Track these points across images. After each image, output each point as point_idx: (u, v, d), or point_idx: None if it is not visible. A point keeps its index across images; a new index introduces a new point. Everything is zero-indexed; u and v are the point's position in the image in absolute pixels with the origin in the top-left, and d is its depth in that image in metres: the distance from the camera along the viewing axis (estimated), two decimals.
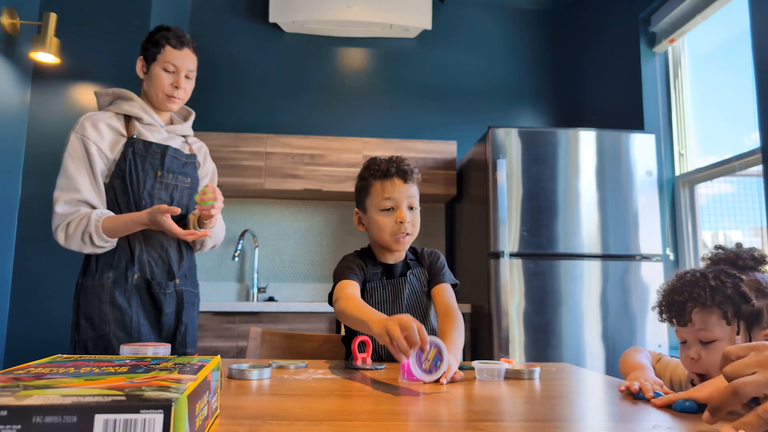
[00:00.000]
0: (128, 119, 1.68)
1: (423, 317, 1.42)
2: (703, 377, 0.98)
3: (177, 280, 1.67)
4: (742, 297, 0.95)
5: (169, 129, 1.74)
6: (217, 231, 1.77)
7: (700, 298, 0.97)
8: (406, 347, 0.94)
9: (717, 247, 1.09)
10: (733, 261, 1.04)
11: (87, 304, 1.55)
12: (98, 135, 1.60)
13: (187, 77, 1.70)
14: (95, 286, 1.56)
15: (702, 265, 1.11)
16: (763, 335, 0.93)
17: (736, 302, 0.95)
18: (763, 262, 1.03)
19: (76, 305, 1.57)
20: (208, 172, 1.87)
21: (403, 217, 1.37)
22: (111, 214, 1.56)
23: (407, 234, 1.38)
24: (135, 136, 1.63)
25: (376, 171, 1.40)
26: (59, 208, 1.53)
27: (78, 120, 1.63)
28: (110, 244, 1.56)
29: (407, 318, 0.97)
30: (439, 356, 1.00)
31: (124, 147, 1.61)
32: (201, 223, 1.69)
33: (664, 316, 1.06)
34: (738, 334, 0.95)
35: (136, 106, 1.67)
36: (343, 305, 1.23)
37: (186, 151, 1.77)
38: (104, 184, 1.61)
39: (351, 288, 1.32)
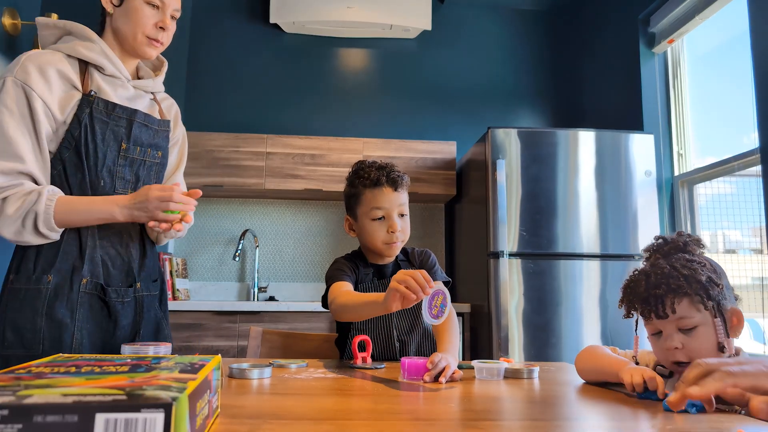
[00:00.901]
0: (84, 66, 1.28)
1: (414, 316, 1.43)
2: (682, 366, 1.00)
3: (138, 284, 1.34)
4: (710, 281, 0.99)
5: (136, 84, 1.36)
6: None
7: (680, 289, 0.99)
8: (417, 287, 1.00)
9: (657, 238, 1.12)
10: (683, 248, 1.07)
11: (17, 313, 1.20)
12: (46, 85, 1.20)
13: (172, 17, 1.35)
14: (30, 291, 1.20)
15: (644, 256, 1.14)
16: (731, 312, 1.01)
17: (706, 287, 0.99)
18: (702, 246, 1.08)
19: (2, 311, 1.21)
20: (177, 140, 1.51)
21: (395, 228, 1.37)
22: (61, 193, 1.22)
23: (397, 241, 1.40)
24: (93, 93, 1.26)
25: (365, 179, 1.40)
26: None
27: (17, 60, 1.21)
28: (54, 235, 1.21)
29: (411, 270, 1.04)
30: (444, 302, 1.07)
31: (78, 106, 1.23)
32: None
33: (638, 311, 1.07)
34: (716, 316, 0.99)
35: (96, 50, 1.28)
36: (342, 300, 1.24)
37: (156, 113, 1.42)
38: (51, 153, 1.24)
39: (346, 287, 1.33)
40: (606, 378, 1.06)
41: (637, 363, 1.14)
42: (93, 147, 1.25)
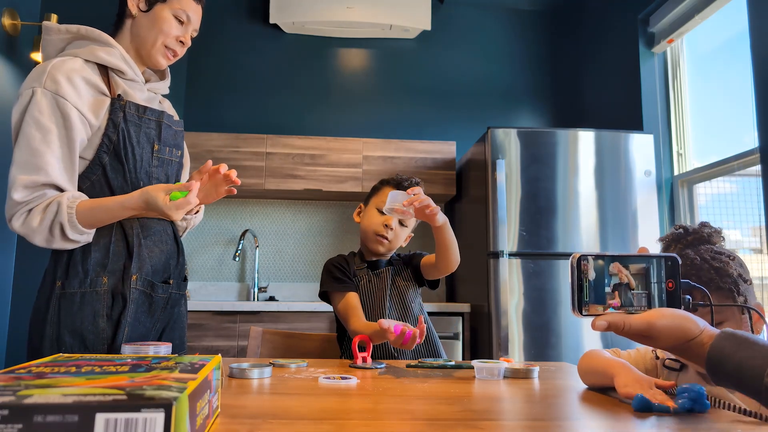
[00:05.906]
0: (104, 71, 1.29)
1: (414, 318, 1.51)
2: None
3: (171, 281, 1.35)
4: (740, 276, 0.95)
5: (150, 87, 1.39)
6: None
7: (712, 282, 0.94)
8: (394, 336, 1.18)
9: (677, 227, 1.06)
10: (707, 240, 1.02)
11: (75, 317, 1.20)
12: (76, 94, 1.21)
13: (191, 36, 1.39)
14: (87, 294, 1.21)
15: (660, 246, 1.07)
16: (756, 305, 0.96)
17: (737, 281, 0.94)
18: (723, 239, 1.03)
19: (52, 315, 1.20)
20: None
21: (389, 222, 1.50)
22: (84, 197, 1.22)
23: (386, 239, 1.51)
24: (121, 97, 1.28)
25: (393, 180, 1.57)
26: (17, 194, 1.15)
27: (41, 70, 1.20)
28: (86, 236, 1.21)
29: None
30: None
31: (111, 111, 1.25)
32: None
33: None
34: (743, 313, 0.94)
35: (116, 55, 1.29)
36: (356, 326, 1.40)
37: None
38: (88, 159, 1.25)
39: (354, 300, 1.46)
40: (603, 380, 0.98)
41: (658, 358, 1.06)
42: (131, 149, 1.27)
